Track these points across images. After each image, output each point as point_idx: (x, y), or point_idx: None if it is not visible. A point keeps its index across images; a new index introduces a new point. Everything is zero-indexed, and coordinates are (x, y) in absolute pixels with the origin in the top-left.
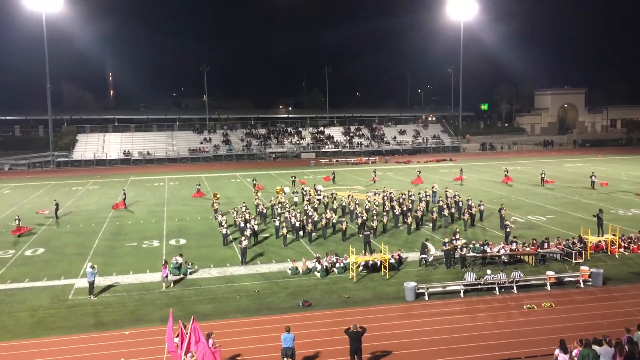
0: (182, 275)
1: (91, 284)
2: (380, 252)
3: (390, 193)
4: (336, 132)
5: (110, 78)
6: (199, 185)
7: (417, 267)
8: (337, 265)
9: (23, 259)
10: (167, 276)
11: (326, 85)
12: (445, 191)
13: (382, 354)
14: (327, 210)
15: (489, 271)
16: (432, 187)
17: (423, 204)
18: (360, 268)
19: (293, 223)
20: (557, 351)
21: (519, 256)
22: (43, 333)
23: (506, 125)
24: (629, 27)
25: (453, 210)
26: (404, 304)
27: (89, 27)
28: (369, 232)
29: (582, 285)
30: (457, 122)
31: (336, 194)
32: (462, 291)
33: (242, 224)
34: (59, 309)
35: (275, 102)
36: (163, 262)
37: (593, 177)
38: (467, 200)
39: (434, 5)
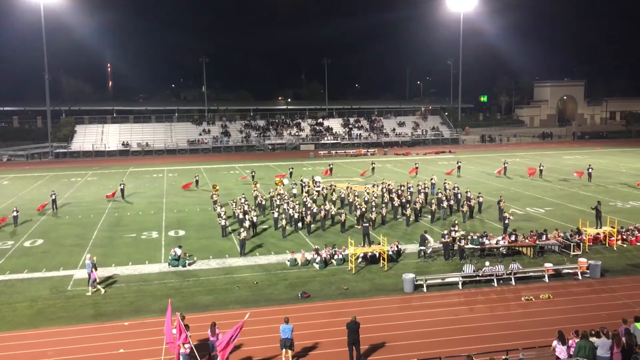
0: (181, 268)
1: (90, 275)
2: (379, 244)
3: (389, 185)
4: (335, 124)
5: (109, 69)
6: (198, 176)
7: (415, 259)
8: (336, 256)
9: (22, 250)
10: (95, 280)
11: (325, 77)
12: (444, 183)
13: (380, 345)
14: (326, 202)
15: (487, 263)
16: (431, 179)
17: (422, 196)
18: (359, 260)
19: (292, 215)
20: (555, 342)
21: (517, 248)
22: (42, 324)
23: (505, 117)
24: (628, 19)
25: (452, 202)
26: (402, 296)
27: (88, 18)
28: (367, 224)
29: (580, 277)
30: (457, 114)
31: (335, 186)
32: (460, 283)
33: (241, 216)
34: (58, 299)
35: (275, 93)
36: (92, 265)
37: (590, 169)
38: (466, 192)
39: None
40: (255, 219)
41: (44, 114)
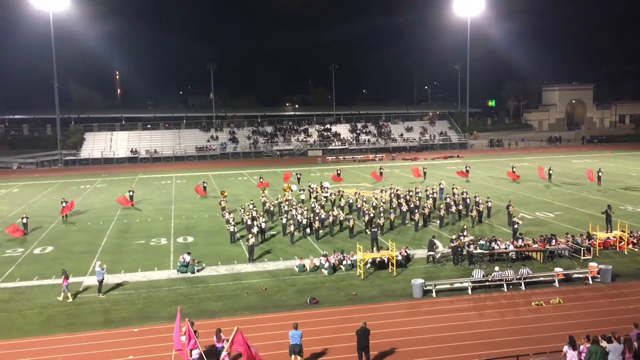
0: (189, 274)
1: (100, 282)
2: (388, 249)
3: (397, 190)
4: (343, 130)
5: (117, 77)
6: (206, 182)
7: (424, 264)
8: (345, 262)
9: (32, 257)
10: (66, 287)
11: (332, 83)
12: (453, 188)
13: (389, 351)
14: (334, 208)
15: (496, 268)
16: (440, 184)
17: (430, 201)
18: (368, 265)
19: (300, 220)
20: (565, 347)
21: (526, 253)
22: (52, 331)
23: (514, 121)
24: (637, 22)
25: (460, 207)
26: (411, 301)
27: (96, 26)
28: (376, 229)
29: (590, 282)
30: (465, 119)
31: (343, 192)
32: (469, 288)
33: (249, 222)
34: (67, 306)
35: (282, 99)
36: (62, 272)
37: (599, 173)
38: (475, 197)
39: (440, 2)
40: (263, 225)
41: (53, 122)
